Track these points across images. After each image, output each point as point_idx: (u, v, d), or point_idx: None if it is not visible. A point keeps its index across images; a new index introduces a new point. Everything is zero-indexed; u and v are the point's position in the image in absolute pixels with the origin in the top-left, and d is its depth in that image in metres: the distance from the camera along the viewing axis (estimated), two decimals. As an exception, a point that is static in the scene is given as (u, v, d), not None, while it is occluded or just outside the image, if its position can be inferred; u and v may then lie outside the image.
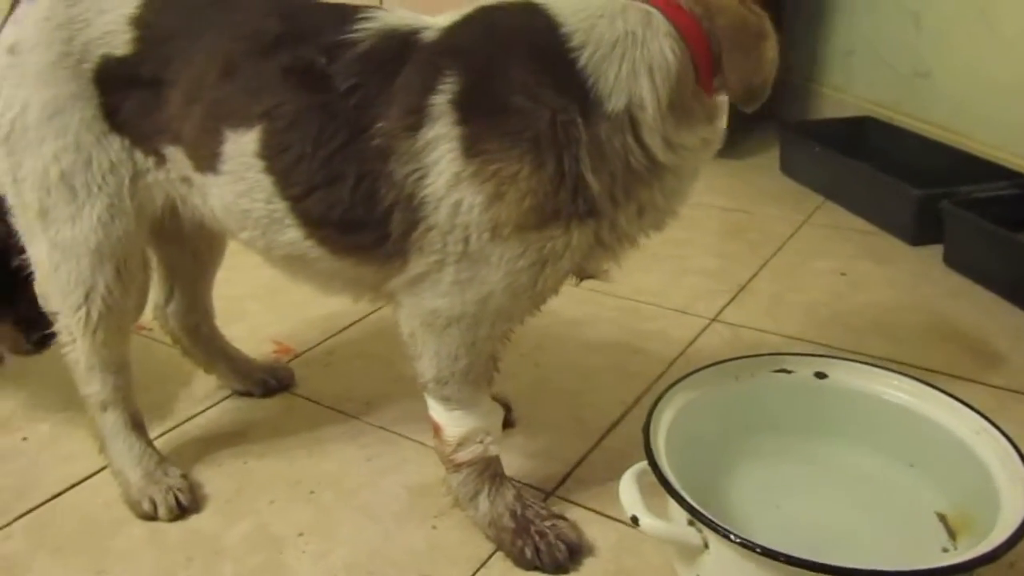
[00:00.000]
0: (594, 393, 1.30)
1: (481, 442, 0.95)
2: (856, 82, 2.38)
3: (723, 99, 0.89)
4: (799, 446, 1.01)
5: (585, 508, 1.05)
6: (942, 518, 0.91)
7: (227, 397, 1.31)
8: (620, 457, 1.13)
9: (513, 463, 1.14)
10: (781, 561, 0.72)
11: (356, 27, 0.87)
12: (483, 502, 0.97)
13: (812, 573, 0.72)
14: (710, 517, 0.78)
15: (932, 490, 0.94)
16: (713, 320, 1.51)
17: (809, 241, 1.85)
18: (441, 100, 0.82)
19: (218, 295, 1.55)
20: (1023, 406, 1.23)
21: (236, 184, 0.91)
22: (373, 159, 0.84)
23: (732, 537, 0.76)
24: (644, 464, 0.88)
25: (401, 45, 0.86)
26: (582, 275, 0.94)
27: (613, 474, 1.09)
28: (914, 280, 1.65)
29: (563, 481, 1.11)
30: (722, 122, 0.90)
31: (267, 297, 1.61)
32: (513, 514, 0.96)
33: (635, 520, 0.84)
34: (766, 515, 0.95)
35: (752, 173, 2.28)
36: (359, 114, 0.85)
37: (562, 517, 0.99)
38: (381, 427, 1.23)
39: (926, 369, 1.33)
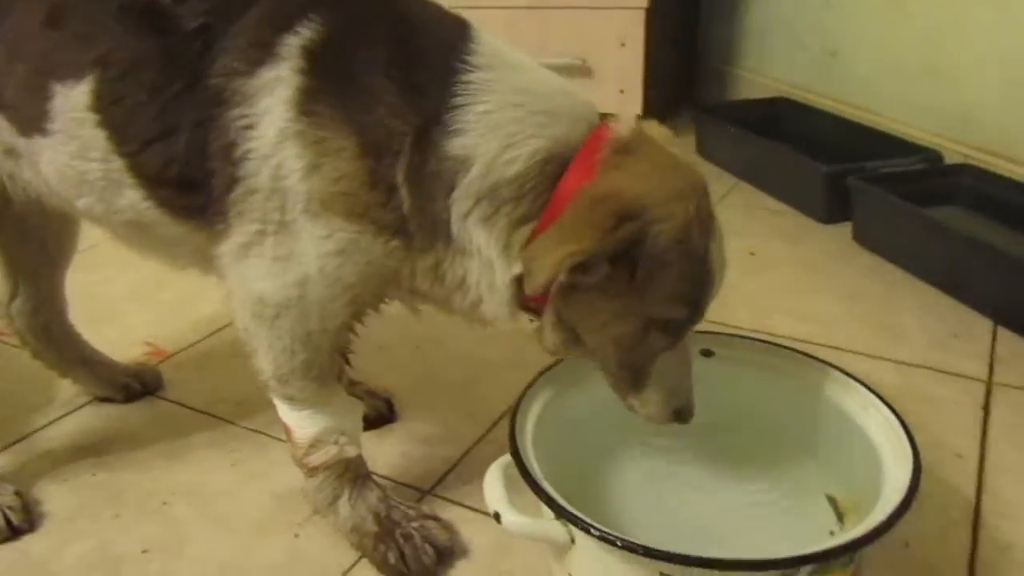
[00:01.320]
0: (485, 385, 1.22)
1: (336, 443, 0.87)
2: (770, 63, 2.36)
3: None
4: (687, 429, 0.94)
5: (463, 507, 0.97)
6: (832, 500, 0.85)
7: (86, 404, 1.20)
8: (506, 450, 1.05)
9: (390, 461, 1.06)
10: (640, 554, 0.65)
11: None
12: (343, 507, 0.88)
13: (675, 565, 0.65)
14: (571, 510, 0.71)
15: (821, 470, 0.88)
16: (617, 305, 1.44)
17: (722, 221, 1.79)
18: (295, 42, 0.74)
19: (91, 294, 1.43)
20: (926, 380, 1.20)
21: (68, 144, 0.81)
22: (209, 103, 0.75)
23: (592, 531, 0.68)
24: (508, 458, 0.80)
25: None
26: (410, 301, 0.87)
27: (496, 469, 1.02)
28: (823, 258, 1.61)
29: (443, 478, 1.03)
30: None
31: (144, 297, 1.50)
32: (376, 517, 0.88)
33: (497, 516, 0.76)
34: (649, 504, 0.88)
35: (669, 157, 2.23)
36: (202, 56, 0.75)
37: (434, 517, 0.91)
38: (253, 430, 1.13)
39: (831, 347, 1.29)
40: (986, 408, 1.12)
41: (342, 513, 0.88)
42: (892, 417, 0.82)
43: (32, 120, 0.82)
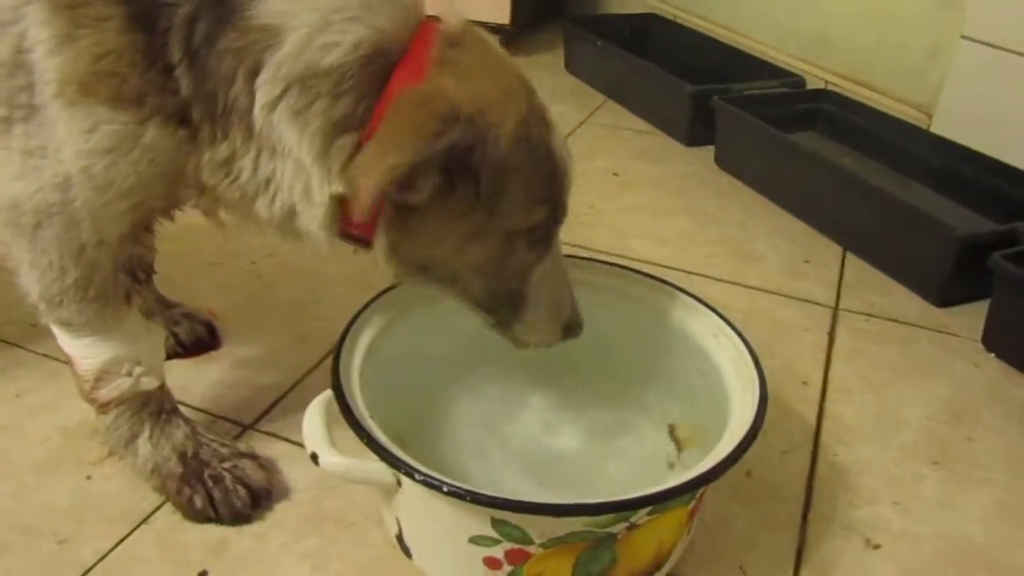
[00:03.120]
0: (322, 306, 1.11)
1: (129, 374, 0.75)
2: (643, -23, 2.28)
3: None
4: (525, 355, 0.88)
5: (288, 442, 0.88)
6: (671, 429, 0.82)
7: None
8: (341, 380, 0.97)
9: (209, 391, 0.94)
10: (467, 500, 0.59)
11: None
12: (143, 446, 0.77)
13: (500, 510, 0.59)
14: (394, 451, 0.63)
15: (664, 399, 0.84)
16: (472, 223, 1.36)
17: (587, 141, 1.73)
18: None
19: None
20: (774, 304, 1.19)
21: None
22: None
23: (416, 475, 0.61)
24: (330, 394, 0.71)
25: None
26: (199, 206, 0.73)
27: (329, 399, 0.93)
28: (684, 181, 1.58)
29: (268, 411, 0.92)
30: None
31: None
32: (182, 457, 0.77)
33: (315, 457, 0.67)
34: (486, 442, 0.82)
35: (537, 71, 2.13)
36: None
37: (251, 455, 0.81)
38: (46, 355, 0.98)
39: (685, 271, 1.26)
40: (831, 334, 1.13)
41: (141, 453, 0.77)
42: (741, 344, 0.78)
43: None
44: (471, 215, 0.65)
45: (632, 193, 1.52)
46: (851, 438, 0.94)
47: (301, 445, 0.85)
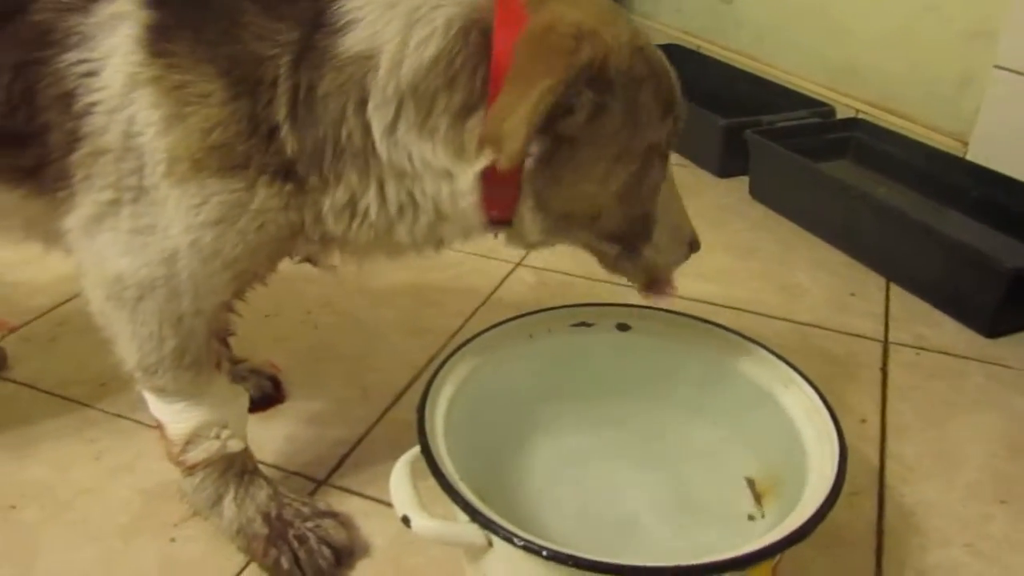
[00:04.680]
0: (381, 356, 1.13)
1: (217, 437, 0.76)
2: (663, 9, 2.31)
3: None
4: (603, 408, 0.90)
5: (363, 497, 0.89)
6: (749, 482, 0.83)
7: (-89, 389, 1.03)
8: (407, 430, 0.95)
9: (280, 448, 0.96)
10: (568, 565, 0.60)
11: None
12: (228, 507, 0.79)
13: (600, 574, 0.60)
14: (491, 517, 0.64)
15: (739, 450, 0.85)
16: (518, 265, 1.38)
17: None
18: None
19: (-90, 258, 1.24)
20: (824, 340, 1.20)
21: None
22: (34, 43, 0.62)
23: (516, 540, 0.62)
24: (416, 452, 0.73)
25: None
26: (303, 256, 0.75)
27: (397, 453, 0.92)
28: (721, 214, 1.60)
29: (339, 466, 0.94)
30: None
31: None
32: (266, 518, 0.79)
33: (406, 521, 0.69)
34: (565, 492, 0.83)
35: (563, 103, 2.16)
36: None
37: (330, 514, 0.83)
38: (116, 415, 1.00)
39: (733, 308, 1.27)
40: (884, 369, 1.14)
41: (227, 515, 0.79)
42: (813, 394, 0.79)
43: None
44: (619, 134, 0.65)
45: (671, 228, 1.53)
46: (915, 477, 0.95)
47: (375, 500, 0.88)
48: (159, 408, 0.75)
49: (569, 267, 1.37)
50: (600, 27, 0.61)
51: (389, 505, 0.86)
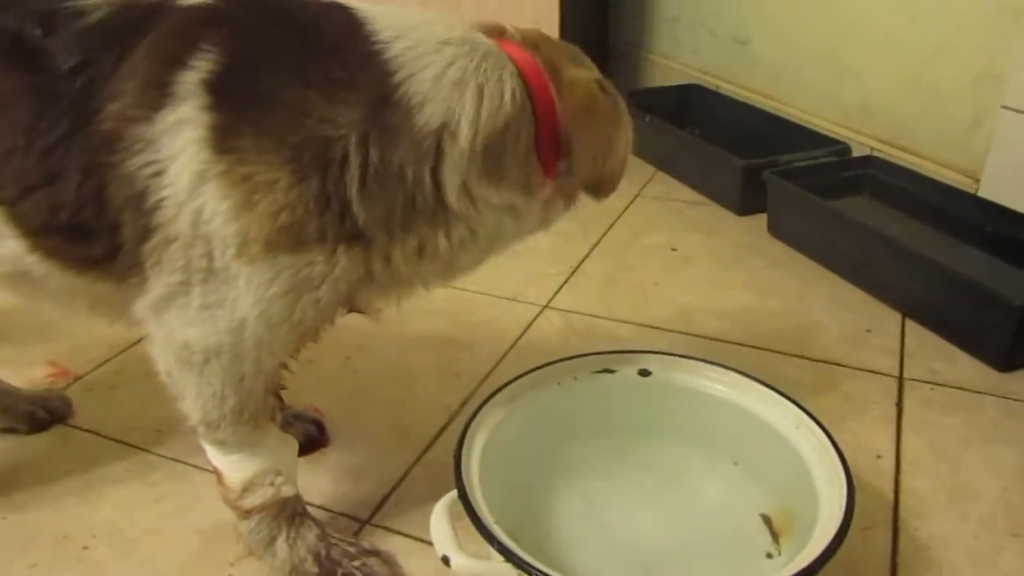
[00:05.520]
0: (417, 399, 1.20)
1: (272, 484, 0.83)
2: (682, 49, 2.38)
3: (562, 185, 0.80)
4: (625, 452, 0.96)
5: (404, 536, 0.96)
6: (766, 520, 0.88)
7: (-13, 437, 1.12)
8: (443, 471, 1.03)
9: (325, 489, 1.03)
10: (597, 603, 0.66)
11: None
12: (281, 548, 0.85)
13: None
14: (523, 557, 0.71)
15: (755, 489, 0.91)
16: (545, 307, 1.44)
17: (641, 215, 1.82)
18: (192, 78, 0.68)
19: (-23, 311, 1.33)
20: (840, 377, 1.24)
21: None
22: (101, 149, 0.69)
23: (547, 578, 0.68)
24: (455, 494, 0.79)
25: (148, 14, 0.71)
26: (352, 308, 0.83)
27: (435, 493, 0.99)
28: (740, 252, 1.65)
29: (380, 506, 1.00)
30: (552, 210, 0.82)
31: (41, 309, 1.40)
32: (317, 557, 0.86)
33: (446, 560, 0.75)
34: (591, 532, 0.89)
35: (586, 144, 2.23)
36: (87, 97, 0.69)
37: (374, 552, 0.89)
38: (174, 459, 1.08)
39: (755, 347, 1.32)
40: (899, 404, 1.18)
41: (280, 555, 0.86)
42: (822, 435, 0.85)
43: None
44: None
45: (692, 267, 1.59)
46: (929, 511, 0.99)
47: (416, 539, 0.95)
48: (218, 459, 0.82)
49: (594, 310, 1.43)
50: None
51: (429, 543, 0.92)
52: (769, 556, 0.85)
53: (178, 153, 0.68)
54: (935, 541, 0.95)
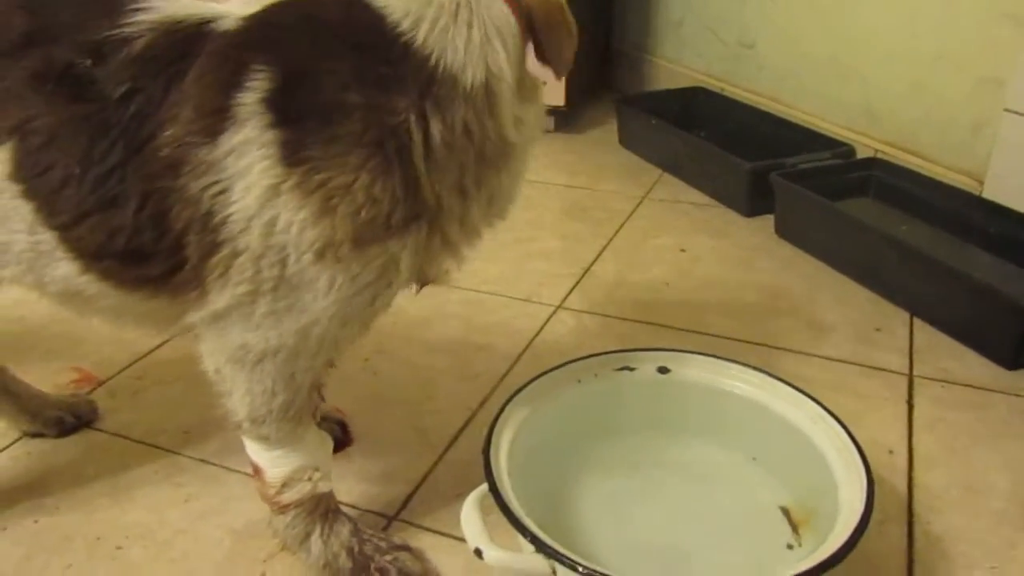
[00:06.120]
0: (436, 400, 1.22)
1: (309, 479, 0.86)
2: (686, 52, 2.41)
3: (539, 78, 0.83)
4: (646, 447, 0.98)
5: (431, 531, 0.98)
6: (785, 512, 0.91)
7: (14, 442, 1.14)
8: (465, 469, 1.07)
9: (352, 488, 1.05)
10: (629, 592, 0.68)
11: (127, 20, 0.73)
12: (315, 543, 0.88)
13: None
14: (555, 547, 0.73)
15: (774, 483, 0.93)
16: (558, 308, 1.47)
17: (649, 217, 1.84)
18: (251, 99, 0.70)
19: (3, 316, 1.36)
20: (852, 375, 1.27)
21: None
22: (160, 174, 0.71)
23: (580, 569, 0.71)
24: (484, 489, 0.82)
25: (189, 39, 0.73)
26: (423, 282, 0.85)
27: (458, 489, 1.03)
28: (748, 253, 1.68)
29: (406, 503, 1.03)
30: (542, 102, 0.85)
31: (65, 316, 1.42)
32: (350, 552, 0.88)
33: (479, 553, 0.77)
34: (615, 527, 0.91)
35: (592, 148, 2.26)
36: (139, 124, 0.71)
37: (405, 547, 0.91)
38: (202, 460, 1.10)
39: (765, 345, 1.35)
40: (910, 402, 1.21)
41: (314, 550, 0.88)
42: (841, 430, 0.87)
43: None
44: None
45: (701, 268, 1.62)
46: (942, 506, 1.01)
47: (444, 534, 0.97)
48: (259, 455, 0.85)
49: (606, 310, 1.46)
50: None
51: (455, 539, 0.96)
52: (790, 547, 0.87)
53: (244, 171, 0.70)
54: (949, 535, 0.97)
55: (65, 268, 0.77)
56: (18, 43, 0.74)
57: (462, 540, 0.94)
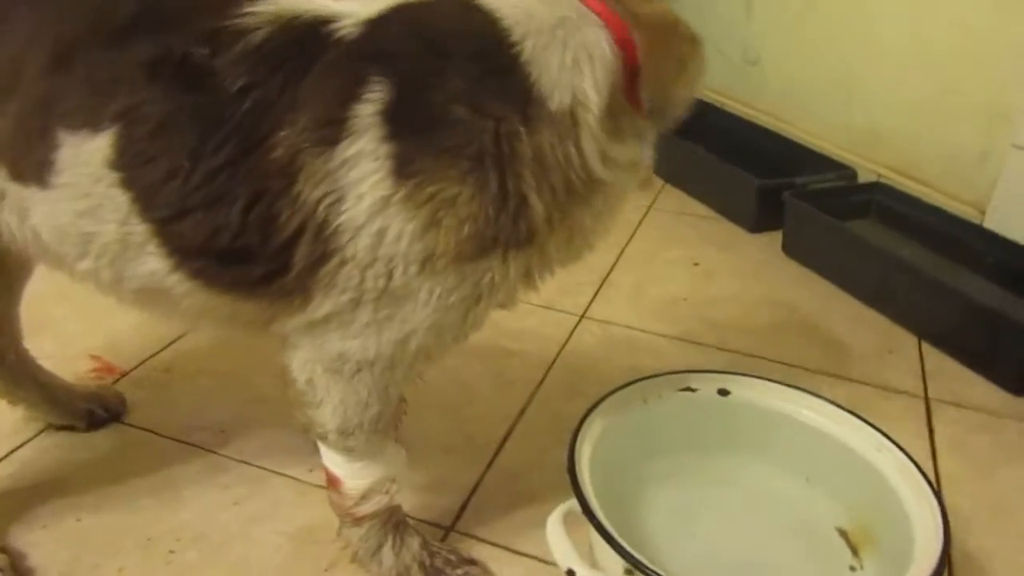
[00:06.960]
0: (476, 407, 1.22)
1: (387, 492, 0.85)
2: (687, 65, 2.44)
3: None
4: (706, 467, 1.01)
5: (488, 543, 0.98)
6: (843, 534, 0.94)
7: (41, 432, 1.09)
8: (514, 480, 1.07)
9: (407, 498, 1.03)
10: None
11: (245, 11, 0.70)
12: (387, 555, 0.87)
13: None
14: (652, 568, 0.74)
15: (830, 504, 0.96)
16: (582, 317, 1.48)
17: (658, 228, 1.87)
18: (368, 111, 0.68)
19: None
20: (870, 396, 1.31)
21: (76, 201, 0.72)
22: (272, 176, 0.69)
23: (682, 592, 0.72)
24: (567, 506, 0.83)
25: (306, 38, 0.71)
26: (500, 305, 0.85)
27: (510, 500, 1.03)
28: (757, 269, 1.72)
29: (461, 513, 1.02)
30: (650, 148, 0.81)
31: (77, 297, 1.36)
32: (422, 566, 0.87)
33: (571, 574, 0.78)
34: (683, 545, 0.93)
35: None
36: (254, 121, 0.69)
37: (473, 561, 0.91)
38: (243, 461, 1.08)
39: (782, 363, 1.38)
40: (930, 425, 1.26)
41: (386, 562, 0.87)
42: (903, 457, 0.90)
43: (30, 168, 0.73)
44: None
45: (715, 283, 1.65)
46: (972, 527, 1.06)
47: (498, 546, 0.97)
48: (341, 466, 0.83)
49: (629, 321, 1.48)
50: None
51: (511, 550, 0.96)
52: (852, 569, 0.90)
53: (357, 182, 0.68)
54: (983, 554, 1.02)
55: (153, 264, 0.74)
56: (125, 28, 0.71)
57: (518, 552, 0.96)
